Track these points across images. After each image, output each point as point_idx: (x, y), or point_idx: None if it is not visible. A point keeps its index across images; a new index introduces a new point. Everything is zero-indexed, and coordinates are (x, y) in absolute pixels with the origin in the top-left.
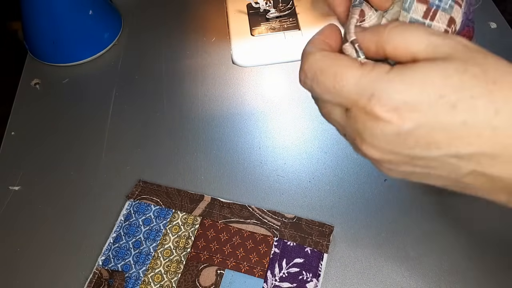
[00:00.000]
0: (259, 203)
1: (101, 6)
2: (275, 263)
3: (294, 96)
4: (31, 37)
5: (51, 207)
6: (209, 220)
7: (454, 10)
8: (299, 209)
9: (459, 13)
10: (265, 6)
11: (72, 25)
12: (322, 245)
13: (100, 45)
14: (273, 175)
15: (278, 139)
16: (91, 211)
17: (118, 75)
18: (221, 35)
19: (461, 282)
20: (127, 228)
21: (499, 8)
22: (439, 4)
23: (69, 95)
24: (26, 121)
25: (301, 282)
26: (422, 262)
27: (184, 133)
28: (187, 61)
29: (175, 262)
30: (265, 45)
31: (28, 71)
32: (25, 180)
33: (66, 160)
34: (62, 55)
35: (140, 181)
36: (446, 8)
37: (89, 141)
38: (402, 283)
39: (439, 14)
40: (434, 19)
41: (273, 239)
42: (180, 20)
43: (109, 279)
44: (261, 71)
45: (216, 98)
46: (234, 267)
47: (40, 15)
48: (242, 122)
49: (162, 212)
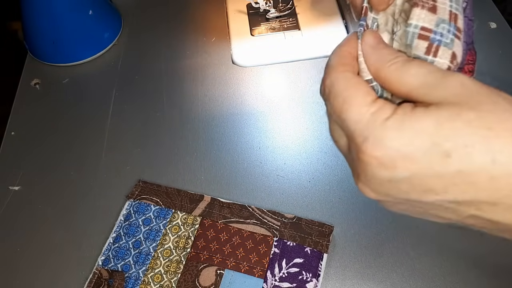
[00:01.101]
0: (259, 203)
1: (101, 6)
2: (275, 263)
3: (294, 96)
4: (31, 37)
5: (51, 207)
6: (209, 220)
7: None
8: (299, 209)
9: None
10: (265, 6)
11: (72, 25)
12: (322, 245)
13: (100, 45)
14: (273, 175)
15: (278, 139)
16: (91, 211)
17: (118, 75)
18: (221, 35)
19: (461, 282)
20: (127, 228)
21: (499, 8)
22: (440, 39)
23: (69, 95)
24: (26, 121)
25: (301, 282)
26: (422, 262)
27: (184, 133)
28: (187, 61)
29: (175, 262)
30: (265, 45)
31: (28, 71)
32: (25, 180)
33: (66, 160)
34: (62, 55)
35: (140, 181)
36: (448, 42)
37: (89, 141)
38: (402, 283)
39: (442, 50)
40: (437, 55)
41: (273, 239)
42: (180, 20)
43: (109, 279)
44: (261, 71)
45: (216, 98)
46: (234, 267)
47: (40, 15)
48: (242, 122)
49: (162, 212)
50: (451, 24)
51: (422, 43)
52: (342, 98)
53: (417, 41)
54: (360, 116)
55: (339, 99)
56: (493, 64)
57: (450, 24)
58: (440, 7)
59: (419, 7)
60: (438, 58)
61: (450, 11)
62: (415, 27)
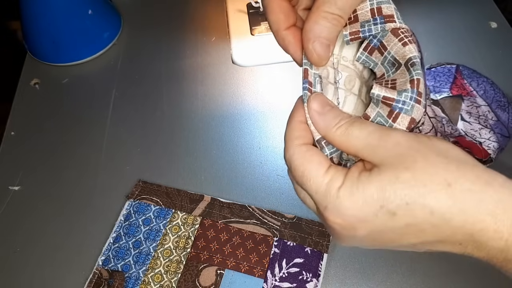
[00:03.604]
0: (259, 203)
1: (100, 6)
2: (275, 263)
3: (294, 96)
4: (31, 37)
5: (51, 207)
6: (209, 220)
7: (415, 109)
8: (299, 209)
9: (418, 110)
10: None
11: (71, 25)
12: (322, 245)
13: (100, 45)
14: (273, 175)
15: (278, 139)
16: (91, 211)
17: (118, 75)
18: (221, 34)
19: (462, 283)
20: (127, 228)
21: (499, 7)
22: (402, 107)
23: (69, 95)
24: (26, 121)
25: (301, 282)
26: (422, 262)
27: (184, 133)
28: (187, 61)
29: (175, 262)
30: (265, 44)
31: (27, 71)
32: (25, 180)
33: (66, 160)
34: (62, 55)
35: (140, 181)
36: (408, 109)
37: (89, 141)
38: (402, 283)
39: (401, 117)
40: (396, 121)
41: (273, 239)
42: (180, 20)
43: (109, 279)
44: (261, 71)
45: (216, 98)
46: (234, 267)
47: (40, 15)
48: (242, 122)
49: (162, 212)
50: (413, 91)
51: (385, 107)
52: (301, 171)
53: (381, 104)
54: (317, 187)
55: (298, 172)
56: (493, 64)
57: (413, 91)
58: (401, 83)
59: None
60: (396, 124)
61: (412, 79)
62: (377, 96)
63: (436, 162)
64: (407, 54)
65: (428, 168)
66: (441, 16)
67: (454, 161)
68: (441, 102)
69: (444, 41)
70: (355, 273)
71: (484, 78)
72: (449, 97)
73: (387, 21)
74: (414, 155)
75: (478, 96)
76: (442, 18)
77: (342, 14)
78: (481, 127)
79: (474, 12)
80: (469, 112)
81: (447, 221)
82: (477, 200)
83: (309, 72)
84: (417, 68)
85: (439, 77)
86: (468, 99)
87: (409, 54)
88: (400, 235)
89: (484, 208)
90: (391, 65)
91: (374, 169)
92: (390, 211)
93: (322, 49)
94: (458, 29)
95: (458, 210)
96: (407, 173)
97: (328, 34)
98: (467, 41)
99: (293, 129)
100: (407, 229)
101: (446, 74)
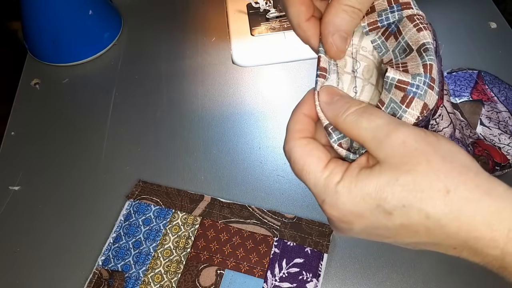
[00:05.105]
0: (259, 203)
1: (101, 6)
2: (275, 263)
3: (294, 96)
4: (31, 37)
5: (51, 207)
6: (209, 220)
7: (428, 94)
8: (299, 209)
9: (431, 96)
10: (265, 6)
11: (72, 25)
12: (322, 245)
13: (100, 45)
14: (273, 175)
15: (278, 139)
16: (91, 211)
17: (118, 75)
18: (221, 35)
19: (462, 283)
20: (127, 228)
21: (499, 8)
22: (416, 91)
23: (69, 95)
24: (26, 121)
25: (301, 282)
26: (422, 262)
27: (184, 133)
28: (187, 61)
29: (175, 262)
30: (265, 45)
31: (28, 71)
32: (25, 180)
33: (66, 160)
34: (62, 55)
35: (140, 181)
36: (422, 94)
37: (89, 140)
38: (402, 283)
39: (415, 102)
40: (410, 106)
41: (273, 239)
42: (180, 20)
43: (109, 279)
44: (261, 71)
45: (216, 98)
46: (234, 267)
47: (40, 15)
48: (242, 122)
49: (162, 212)
50: (426, 76)
51: (398, 93)
52: (300, 165)
53: (394, 90)
54: (316, 181)
55: (298, 166)
56: (493, 64)
57: (426, 76)
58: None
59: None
60: (410, 109)
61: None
62: (392, 79)
63: (439, 167)
64: (420, 40)
65: (429, 172)
66: (441, 16)
67: (458, 166)
68: (461, 106)
69: (444, 41)
70: (355, 273)
71: (506, 85)
72: (469, 101)
73: (403, 8)
74: (418, 157)
75: (499, 102)
76: (442, 18)
77: (361, 8)
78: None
79: (474, 13)
80: (489, 117)
81: (442, 226)
82: (474, 209)
83: (323, 58)
84: (430, 54)
85: (459, 81)
86: (489, 104)
87: (423, 40)
88: (395, 234)
89: (480, 217)
90: (402, 51)
91: (375, 166)
92: (386, 210)
93: (341, 42)
94: (458, 30)
95: (454, 217)
96: (408, 176)
97: (347, 28)
98: (467, 41)
99: (297, 121)
100: (402, 229)
101: (467, 78)
